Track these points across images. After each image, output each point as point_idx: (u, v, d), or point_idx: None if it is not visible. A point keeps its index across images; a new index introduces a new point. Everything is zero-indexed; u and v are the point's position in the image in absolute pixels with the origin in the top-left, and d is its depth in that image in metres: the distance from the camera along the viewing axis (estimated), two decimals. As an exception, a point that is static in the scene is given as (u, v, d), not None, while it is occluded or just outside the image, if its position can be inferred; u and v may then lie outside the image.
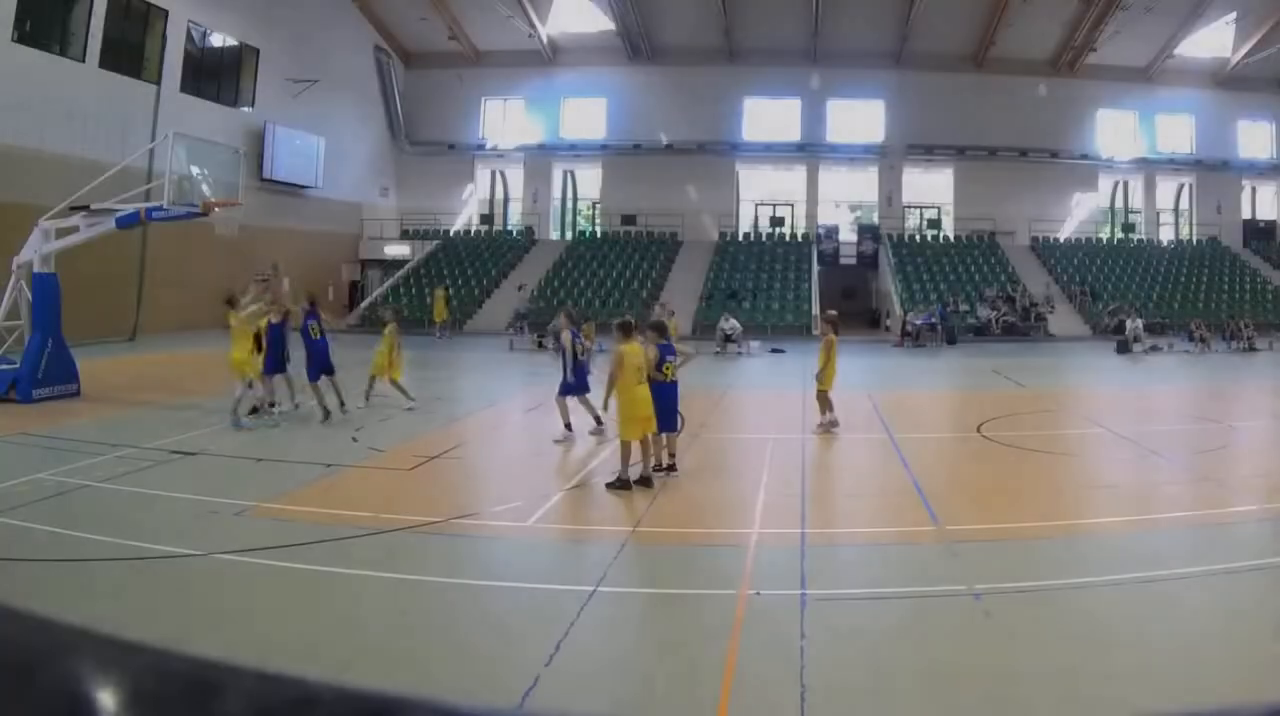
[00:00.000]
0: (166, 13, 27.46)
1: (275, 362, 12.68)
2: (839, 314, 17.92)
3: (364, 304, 33.59)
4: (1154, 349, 28.19)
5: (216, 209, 23.50)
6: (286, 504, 8.41)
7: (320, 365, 12.65)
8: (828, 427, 12.05)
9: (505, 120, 38.98)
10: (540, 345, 25.75)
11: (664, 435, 9.01)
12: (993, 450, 12.00)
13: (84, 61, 24.52)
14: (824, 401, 12.18)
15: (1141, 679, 4.79)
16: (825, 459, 11.55)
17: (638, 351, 8.90)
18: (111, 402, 14.95)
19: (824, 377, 12.13)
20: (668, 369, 8.93)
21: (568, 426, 11.58)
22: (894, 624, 5.80)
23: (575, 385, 11.96)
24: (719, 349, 26.19)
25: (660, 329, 9.74)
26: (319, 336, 12.86)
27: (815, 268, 35.30)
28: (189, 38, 28.77)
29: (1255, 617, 5.76)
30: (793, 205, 39.21)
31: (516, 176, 39.51)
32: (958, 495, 8.89)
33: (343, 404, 13.07)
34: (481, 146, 38.81)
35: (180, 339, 25.63)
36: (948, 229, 38.95)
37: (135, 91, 26.10)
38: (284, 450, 11.15)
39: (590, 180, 39.36)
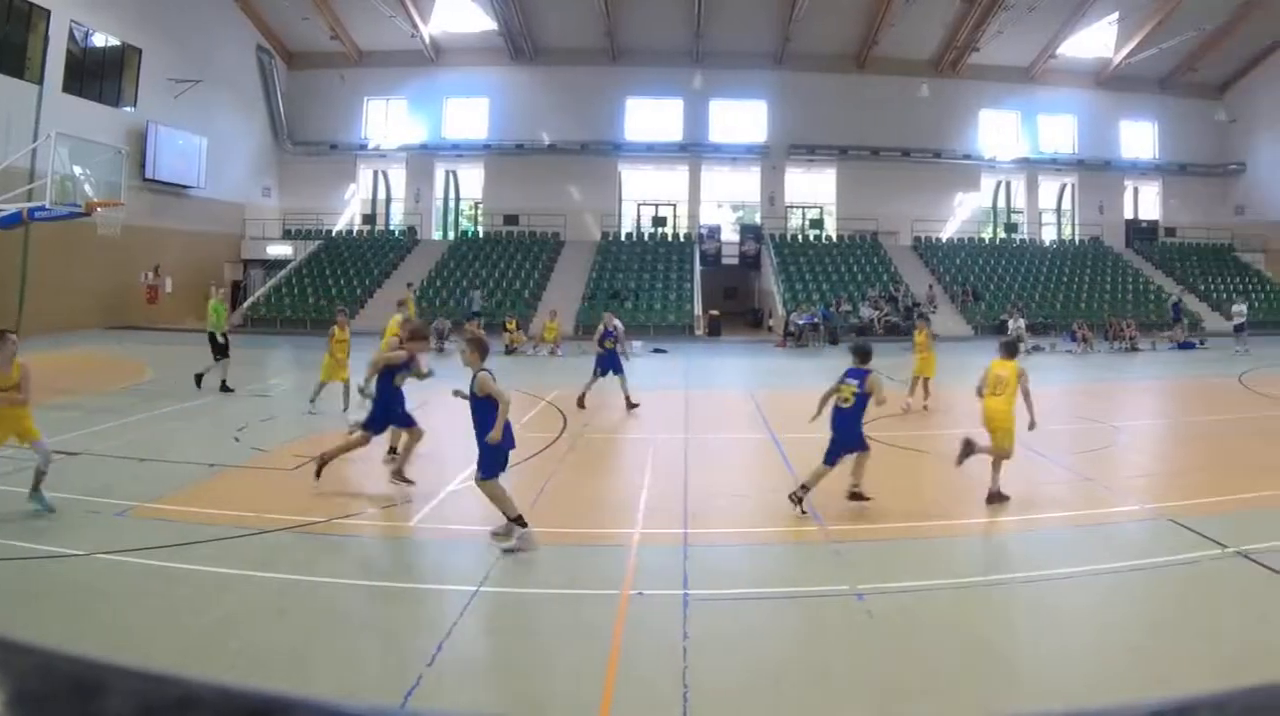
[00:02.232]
0: (49, 13, 35.47)
1: (387, 417, 12.37)
2: (721, 313, 25.94)
3: (246, 304, 43.93)
4: (1036, 349, 35.58)
5: (99, 209, 32.29)
6: (169, 504, 10.42)
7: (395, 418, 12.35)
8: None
9: (387, 120, 50.37)
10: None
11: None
12: (875, 449, 15.17)
13: (-37, 62, 32.35)
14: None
15: (1022, 678, 6.32)
16: (708, 459, 14.33)
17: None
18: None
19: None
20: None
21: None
22: (777, 624, 7.34)
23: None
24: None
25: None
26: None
27: (697, 267, 46.15)
28: (71, 37, 37.14)
29: (1136, 617, 7.49)
30: (675, 205, 51.06)
31: (399, 176, 51.01)
32: (840, 495, 10.80)
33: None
34: (364, 146, 50.10)
35: (64, 340, 30.60)
36: (830, 229, 50.86)
37: (17, 91, 33.76)
38: (167, 450, 13.89)
39: (473, 180, 50.96)
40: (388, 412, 12.26)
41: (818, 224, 50.97)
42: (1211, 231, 52.64)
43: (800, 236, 50.24)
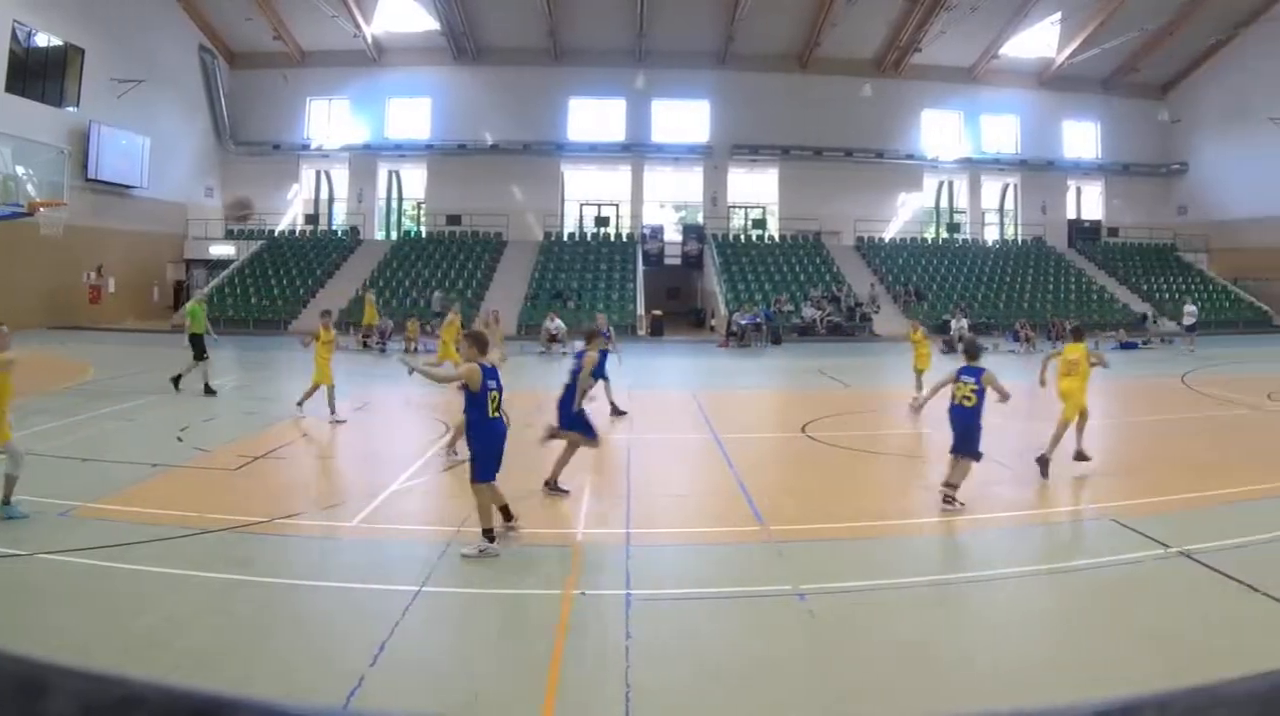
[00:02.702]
0: (-9, 13, 38.88)
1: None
2: (664, 314, 27.89)
3: (188, 304, 46.07)
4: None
5: (41, 209, 35.00)
6: (111, 504, 10.99)
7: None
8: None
9: (330, 120, 53.57)
10: (365, 345, 35.84)
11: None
12: (818, 450, 15.82)
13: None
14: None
15: (966, 678, 6.79)
16: (650, 459, 15.18)
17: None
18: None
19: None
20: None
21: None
22: (719, 624, 7.96)
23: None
24: (544, 349, 35.64)
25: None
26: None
27: (640, 268, 49.34)
28: (14, 37, 39.43)
29: (1080, 617, 8.13)
30: (618, 205, 54.47)
31: (341, 176, 54.25)
32: (783, 495, 11.48)
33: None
34: (306, 146, 53.30)
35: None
36: (773, 229, 54.32)
37: (-41, 92, 36.92)
38: (109, 450, 14.61)
39: (415, 180, 54.27)
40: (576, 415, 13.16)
41: (760, 224, 54.41)
42: (1154, 231, 56.32)
43: (743, 236, 53.60)
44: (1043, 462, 13.29)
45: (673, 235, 53.17)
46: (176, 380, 21.89)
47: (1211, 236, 55.01)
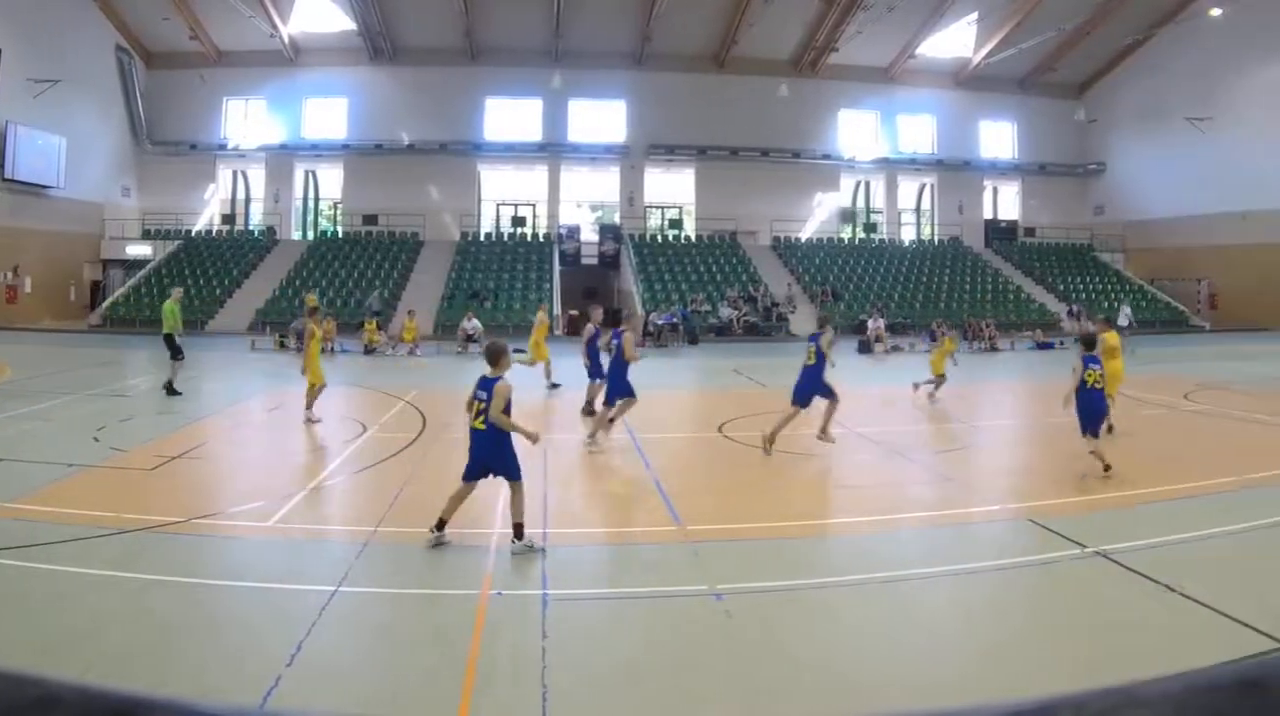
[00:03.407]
0: (-94, 13, 42.61)
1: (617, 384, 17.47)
2: (580, 314, 30.87)
3: (105, 304, 50.74)
4: (895, 349, 41.58)
5: None
6: (27, 503, 11.77)
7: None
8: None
9: (247, 120, 58.38)
10: (282, 345, 38.34)
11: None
12: (735, 450, 16.97)
13: None
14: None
15: (883, 678, 7.31)
16: (567, 458, 16.17)
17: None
18: None
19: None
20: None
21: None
22: (636, 624, 8.56)
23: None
24: (460, 349, 38.24)
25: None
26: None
27: (557, 267, 54.21)
28: None
29: (996, 617, 8.84)
30: (534, 205, 59.62)
31: (258, 176, 59.10)
32: (700, 495, 12.37)
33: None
34: (223, 146, 58.09)
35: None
36: (689, 229, 59.57)
37: (-127, 94, 40.88)
38: (24, 450, 15.39)
39: (332, 180, 59.24)
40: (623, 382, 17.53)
41: (677, 224, 59.72)
42: (1071, 231, 62.09)
43: (659, 236, 58.85)
44: (1110, 427, 16.76)
45: (589, 235, 58.16)
46: (170, 388, 23.11)
47: (1128, 236, 60.84)
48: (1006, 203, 64.16)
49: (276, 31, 54.80)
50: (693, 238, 59.00)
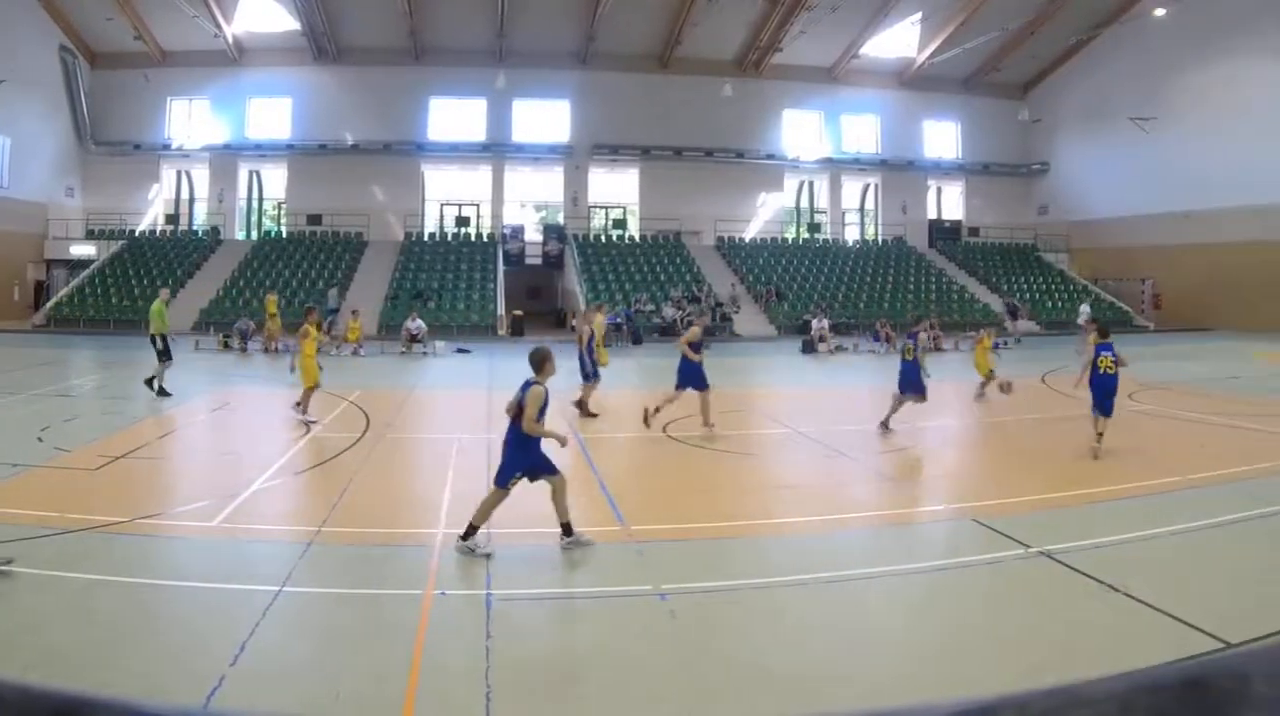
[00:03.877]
0: None
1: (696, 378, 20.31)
2: (524, 313, 33.58)
3: (49, 304, 53.32)
4: (839, 349, 43.68)
5: None
6: None
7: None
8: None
9: (191, 120, 61.63)
10: (226, 345, 41.16)
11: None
12: (679, 450, 18.01)
13: None
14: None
15: (826, 678, 7.74)
16: None
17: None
18: None
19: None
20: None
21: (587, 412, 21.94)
22: (580, 624, 9.20)
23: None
24: (404, 349, 40.65)
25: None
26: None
27: (501, 267, 57.45)
28: None
29: (940, 617, 9.36)
30: (478, 205, 63.19)
31: (202, 176, 62.36)
32: (644, 495, 13.16)
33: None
34: (167, 146, 61.24)
35: None
36: (633, 229, 63.21)
37: None
38: None
39: (276, 180, 62.55)
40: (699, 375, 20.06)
41: (621, 224, 63.38)
42: (1015, 231, 66.15)
43: (603, 236, 62.41)
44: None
45: (533, 235, 61.65)
46: (160, 390, 24.46)
47: (1072, 236, 64.98)
48: (950, 203, 68.23)
49: (220, 32, 57.78)
50: (637, 238, 62.56)
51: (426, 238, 61.84)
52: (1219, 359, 34.68)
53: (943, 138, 67.00)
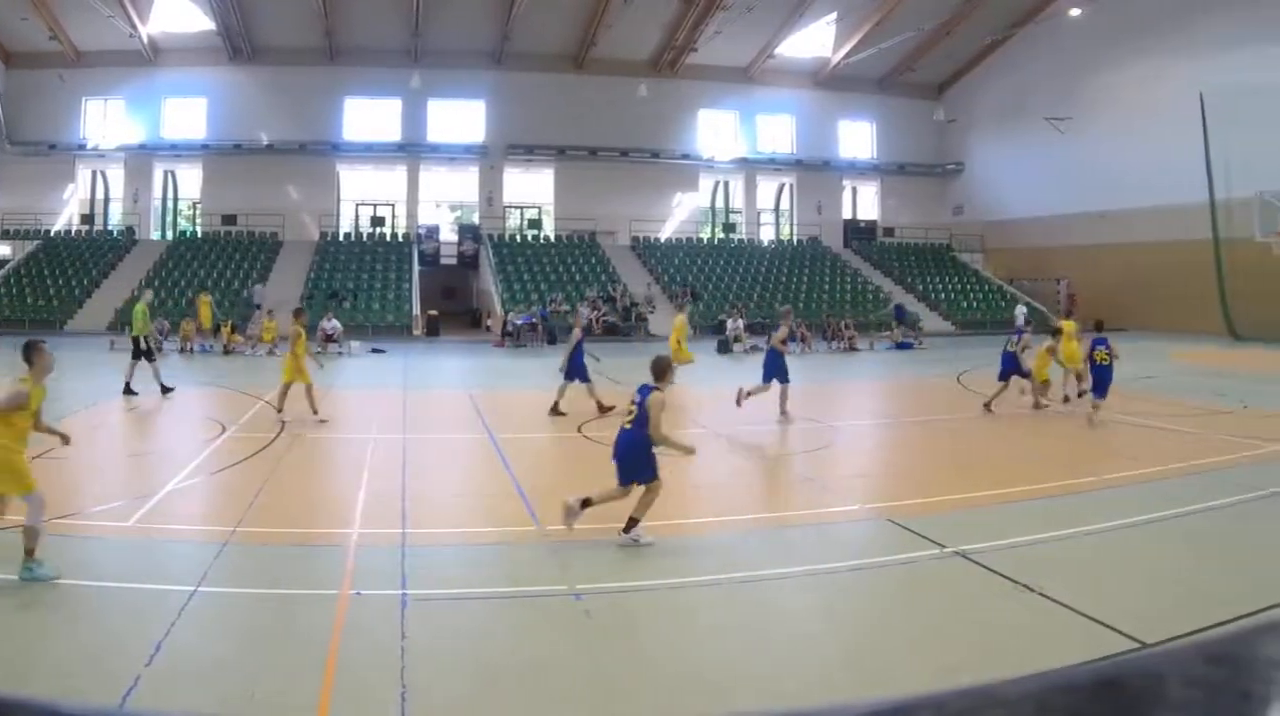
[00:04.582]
0: None
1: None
2: (439, 313, 37.73)
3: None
4: (755, 349, 44.52)
5: None
6: None
7: None
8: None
9: (106, 120, 66.47)
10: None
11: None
12: (593, 450, 19.18)
13: None
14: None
15: (741, 677, 8.40)
16: (426, 459, 18.73)
17: None
18: None
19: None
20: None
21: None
22: (495, 624, 9.81)
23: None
24: (320, 349, 41.47)
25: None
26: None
27: (416, 267, 62.28)
28: None
29: (856, 617, 10.21)
30: (393, 205, 68.69)
31: (117, 176, 67.34)
32: (559, 495, 13.67)
33: None
34: (83, 146, 65.86)
35: None
36: (549, 229, 68.88)
37: None
38: None
39: (191, 180, 67.74)
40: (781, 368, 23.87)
41: (536, 224, 68.97)
42: (930, 231, 72.34)
43: (518, 236, 67.80)
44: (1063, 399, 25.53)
45: (449, 235, 67.14)
46: (163, 387, 26.76)
47: (987, 236, 71.13)
48: (865, 203, 74.67)
49: (136, 32, 62.14)
50: (552, 238, 67.97)
51: (342, 238, 66.60)
52: (1135, 359, 35.56)
53: (858, 138, 73.17)
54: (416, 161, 68.62)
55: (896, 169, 73.00)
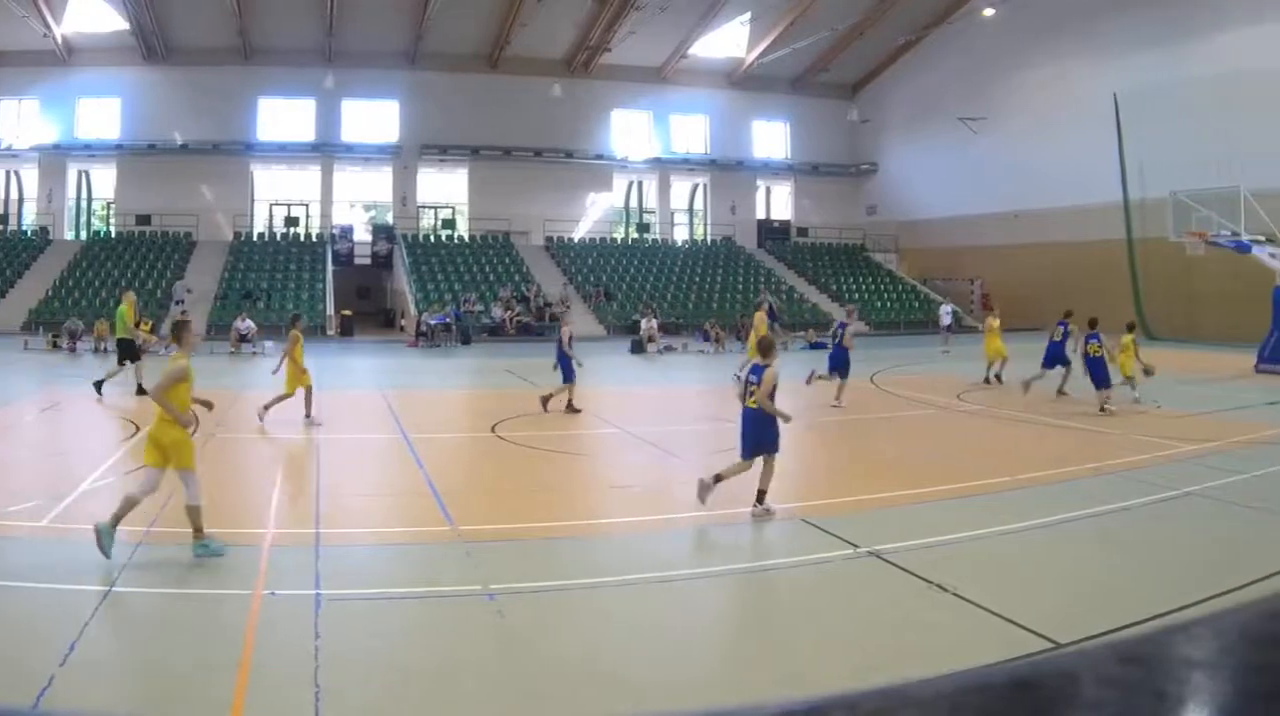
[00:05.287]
0: None
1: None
2: (354, 313, 42.26)
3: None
4: (668, 349, 50.15)
5: None
6: None
7: None
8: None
9: (20, 120, 70.97)
10: (55, 345, 46.40)
11: None
12: (507, 450, 20.51)
13: None
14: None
15: (654, 677, 8.96)
16: (340, 459, 19.81)
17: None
18: None
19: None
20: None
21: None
22: (409, 624, 10.43)
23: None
24: (234, 349, 46.45)
25: None
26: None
27: (330, 268, 67.34)
28: None
29: (769, 617, 10.86)
30: (308, 205, 74.08)
31: (31, 176, 71.95)
32: (472, 495, 14.92)
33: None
34: (-4, 146, 70.94)
35: None
36: (463, 229, 74.60)
37: None
38: None
39: (106, 180, 72.63)
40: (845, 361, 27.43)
41: (450, 224, 74.63)
42: (844, 231, 78.58)
43: (433, 236, 73.24)
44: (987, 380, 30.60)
45: (363, 235, 72.31)
46: (139, 388, 28.11)
47: (901, 236, 77.32)
48: (779, 203, 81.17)
49: (50, 31, 65.66)
50: (466, 238, 73.49)
51: (256, 238, 71.82)
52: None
53: (772, 138, 79.58)
54: (330, 161, 73.65)
55: (810, 169, 79.16)
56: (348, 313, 60.74)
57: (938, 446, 21.09)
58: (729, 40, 73.17)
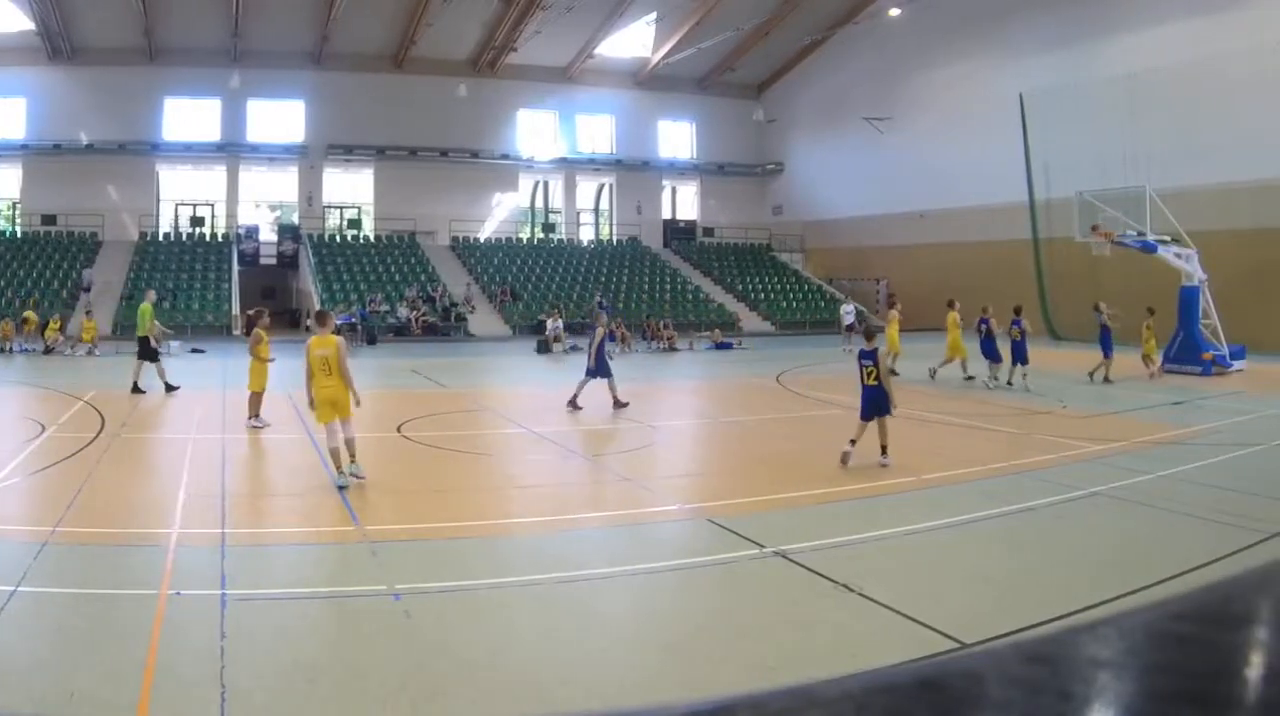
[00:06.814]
0: None
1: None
2: (258, 313, 53.10)
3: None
4: (574, 349, 53.48)
5: None
6: None
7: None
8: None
9: None
10: None
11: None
12: (413, 450, 23.00)
13: None
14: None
15: (560, 677, 9.98)
16: (246, 458, 22.27)
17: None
18: None
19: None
20: None
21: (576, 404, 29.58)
22: (314, 624, 11.48)
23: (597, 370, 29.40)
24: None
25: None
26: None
27: (236, 268, 78.35)
28: None
29: (675, 617, 12.02)
30: (213, 205, 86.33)
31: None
32: (378, 495, 16.59)
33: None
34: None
35: None
36: (368, 229, 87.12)
37: None
38: None
39: (10, 180, 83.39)
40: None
41: (356, 224, 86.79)
42: (750, 231, 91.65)
43: (338, 236, 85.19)
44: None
45: (268, 235, 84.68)
46: (167, 386, 32.33)
47: (807, 236, 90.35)
48: (685, 203, 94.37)
49: None
50: (371, 238, 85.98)
51: (161, 238, 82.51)
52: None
53: (678, 138, 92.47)
54: (236, 161, 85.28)
55: (716, 169, 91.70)
56: (251, 312, 62.49)
57: (842, 446, 21.93)
58: (635, 40, 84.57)
